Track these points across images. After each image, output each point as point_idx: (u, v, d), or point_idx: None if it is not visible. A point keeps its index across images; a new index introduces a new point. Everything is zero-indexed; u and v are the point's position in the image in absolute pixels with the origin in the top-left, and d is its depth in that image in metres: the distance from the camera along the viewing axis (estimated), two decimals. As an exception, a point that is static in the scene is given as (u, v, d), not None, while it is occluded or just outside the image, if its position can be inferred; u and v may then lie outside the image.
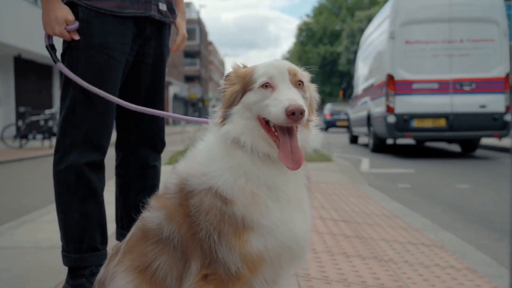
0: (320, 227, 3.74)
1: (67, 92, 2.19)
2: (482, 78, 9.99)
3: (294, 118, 1.39)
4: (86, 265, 2.14)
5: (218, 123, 1.54)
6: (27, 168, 9.80)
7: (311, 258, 2.85)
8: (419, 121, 10.15)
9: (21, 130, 15.27)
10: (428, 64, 10.22)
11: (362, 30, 50.18)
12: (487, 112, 10.00)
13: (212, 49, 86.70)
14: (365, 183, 6.81)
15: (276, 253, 1.46)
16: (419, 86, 10.15)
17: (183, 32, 2.56)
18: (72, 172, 2.13)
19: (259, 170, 1.48)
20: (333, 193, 5.63)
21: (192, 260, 1.49)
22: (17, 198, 6.11)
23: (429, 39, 10.19)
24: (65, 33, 2.14)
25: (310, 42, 66.44)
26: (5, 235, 3.53)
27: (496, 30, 10.09)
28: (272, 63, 1.54)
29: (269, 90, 1.47)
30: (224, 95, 1.59)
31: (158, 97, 2.46)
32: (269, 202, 1.47)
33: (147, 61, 2.37)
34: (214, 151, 1.52)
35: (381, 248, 3.20)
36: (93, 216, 2.18)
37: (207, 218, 1.45)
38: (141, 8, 2.23)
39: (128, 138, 2.44)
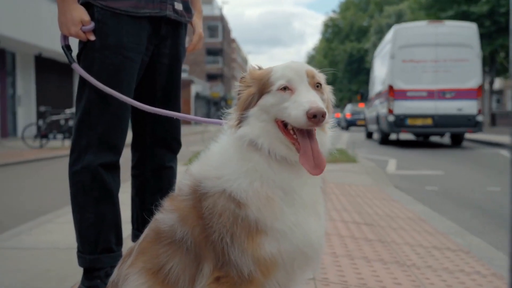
0: (341, 230, 3.74)
1: (82, 93, 2.25)
2: (460, 89, 13.91)
3: (316, 120, 1.41)
4: (101, 266, 2.20)
5: (234, 125, 1.57)
6: (47, 168, 10.01)
7: (330, 262, 2.87)
8: (412, 120, 14.04)
9: (42, 129, 15.58)
10: (419, 78, 14.13)
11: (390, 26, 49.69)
12: (463, 114, 13.86)
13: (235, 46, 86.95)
14: (391, 185, 6.77)
15: (289, 257, 1.49)
16: (412, 94, 14.10)
17: (199, 31, 2.60)
18: (87, 173, 2.19)
19: (275, 173, 1.50)
20: (356, 195, 5.62)
21: (205, 262, 1.52)
22: (36, 198, 6.26)
23: (420, 59, 14.18)
24: (80, 33, 2.19)
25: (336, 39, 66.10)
26: (23, 236, 3.63)
27: (471, 53, 14.03)
28: (289, 65, 1.56)
29: (287, 92, 1.50)
30: (239, 97, 1.62)
31: (173, 97, 2.50)
32: (284, 206, 1.49)
33: (162, 61, 2.42)
34: (229, 153, 1.55)
35: (404, 253, 3.19)
36: (108, 217, 2.23)
37: (220, 221, 1.48)
38: (156, 7, 2.28)
39: (143, 139, 2.49)
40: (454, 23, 15.24)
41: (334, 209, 4.63)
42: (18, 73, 21.01)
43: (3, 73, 19.15)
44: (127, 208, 2.57)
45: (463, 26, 14.69)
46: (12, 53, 20.52)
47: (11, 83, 20.63)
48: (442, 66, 14.09)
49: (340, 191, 5.79)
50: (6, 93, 19.88)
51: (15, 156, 11.91)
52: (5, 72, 19.72)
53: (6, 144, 16.68)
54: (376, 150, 13.65)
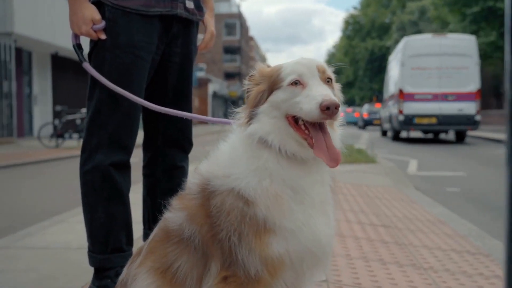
0: (357, 232, 3.74)
1: (93, 92, 2.29)
2: (460, 92, 16.42)
3: (329, 112, 1.43)
4: (111, 266, 2.24)
5: (243, 123, 1.59)
6: (62, 168, 10.14)
7: (345, 264, 2.87)
8: (419, 119, 16.58)
9: (58, 129, 15.78)
10: (425, 83, 16.58)
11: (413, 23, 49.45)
12: (463, 114, 16.34)
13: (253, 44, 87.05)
14: (411, 186, 6.73)
15: (298, 257, 1.50)
16: (419, 96, 16.60)
17: (211, 29, 2.62)
18: (98, 173, 2.23)
19: (284, 171, 1.52)
20: (374, 196, 5.60)
21: (212, 261, 1.54)
22: (50, 198, 6.36)
23: (426, 66, 16.63)
24: (91, 32, 2.23)
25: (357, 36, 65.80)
26: (37, 235, 3.70)
27: (470, 61, 16.48)
28: (299, 61, 1.58)
29: (299, 87, 1.52)
30: (248, 95, 1.64)
31: (185, 96, 2.52)
32: (293, 204, 1.51)
33: (174, 60, 2.44)
34: (238, 152, 1.57)
35: (421, 255, 3.18)
36: (119, 217, 2.27)
37: (228, 219, 1.50)
38: (167, 6, 2.30)
39: (155, 139, 2.52)
40: (456, 35, 18.20)
41: (351, 210, 4.62)
42: (34, 72, 21.33)
43: (19, 72, 19.45)
44: (139, 208, 2.61)
45: (464, 38, 17.39)
46: (29, 52, 20.83)
47: (27, 82, 20.94)
48: (445, 73, 16.60)
49: (357, 192, 5.78)
50: (22, 92, 20.18)
51: (31, 156, 12.09)
52: (22, 71, 20.02)
53: (22, 143, 16.94)
54: (397, 150, 13.56)
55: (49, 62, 22.04)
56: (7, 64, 17.70)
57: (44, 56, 21.65)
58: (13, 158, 11.47)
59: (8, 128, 17.90)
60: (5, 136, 17.54)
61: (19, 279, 2.71)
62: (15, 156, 12.08)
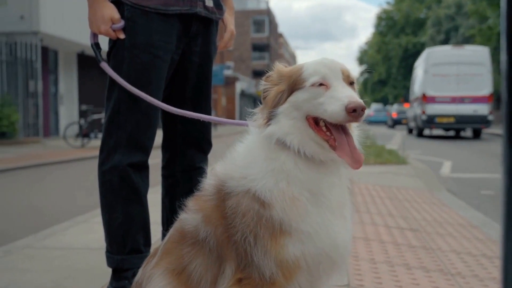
0: (383, 235, 3.73)
1: (112, 92, 2.34)
2: (475, 96, 19.62)
3: (355, 115, 1.45)
4: (128, 267, 2.29)
5: (262, 124, 1.61)
6: (87, 167, 10.32)
7: (368, 268, 2.87)
8: (439, 118, 19.80)
9: (83, 128, 16.07)
10: (445, 87, 19.80)
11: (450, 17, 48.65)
12: (477, 114, 19.51)
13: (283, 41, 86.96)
14: (443, 188, 6.66)
15: (314, 261, 1.51)
16: (440, 99, 19.85)
17: (231, 28, 2.65)
18: (116, 173, 2.29)
19: (302, 173, 1.54)
20: (404, 199, 5.56)
21: (227, 263, 1.57)
22: (75, 198, 6.50)
23: (446, 73, 19.82)
24: (110, 31, 2.29)
25: (390, 32, 65.14)
26: (58, 235, 3.79)
27: (484, 69, 19.68)
28: (322, 61, 1.59)
29: (322, 88, 1.53)
30: (266, 96, 1.66)
31: (204, 96, 2.56)
32: (310, 206, 1.52)
33: (193, 60, 2.48)
34: (255, 153, 1.59)
35: (450, 261, 3.15)
36: (136, 217, 2.32)
37: (243, 221, 1.52)
38: (186, 5, 2.34)
39: (174, 139, 2.56)
40: (472, 47, 21.63)
41: (378, 213, 4.61)
42: (61, 71, 21.77)
43: (45, 72, 19.87)
44: (158, 209, 2.66)
45: (479, 49, 20.69)
46: (55, 51, 21.27)
47: (53, 82, 21.38)
48: (462, 79, 19.69)
49: (386, 195, 5.74)
50: (48, 91, 20.61)
51: (57, 156, 12.36)
52: (48, 71, 20.45)
53: (48, 143, 17.31)
54: (431, 151, 13.40)
55: (75, 61, 22.46)
56: (33, 63, 18.12)
57: (70, 55, 22.07)
58: (38, 157, 11.74)
59: (34, 128, 18.32)
60: (31, 135, 17.95)
61: (39, 279, 2.79)
62: (41, 156, 12.36)
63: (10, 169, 9.73)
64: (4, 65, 17.26)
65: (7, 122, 16.02)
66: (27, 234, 3.97)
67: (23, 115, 17.50)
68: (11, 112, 16.11)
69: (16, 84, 17.62)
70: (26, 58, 17.86)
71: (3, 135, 16.13)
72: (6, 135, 16.20)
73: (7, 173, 9.35)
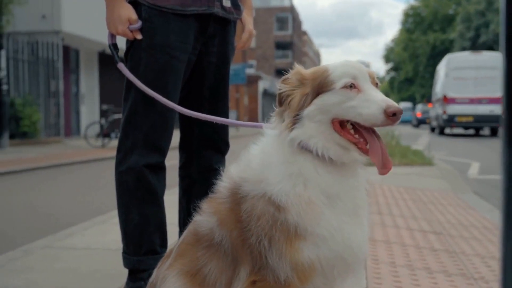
0: (405, 238, 3.72)
1: (129, 93, 2.40)
2: (492, 97, 21.49)
3: (394, 118, 1.48)
4: (145, 268, 2.34)
5: (287, 127, 1.60)
6: (107, 168, 10.45)
7: (387, 272, 2.87)
8: (459, 118, 22.02)
9: (104, 128, 16.27)
10: (464, 89, 22.06)
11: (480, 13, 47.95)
12: (494, 114, 21.30)
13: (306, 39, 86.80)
14: (469, 190, 6.59)
15: (329, 264, 1.53)
16: (459, 100, 22.03)
17: (249, 28, 2.67)
18: (132, 174, 2.33)
19: (320, 177, 1.56)
20: (429, 201, 5.53)
21: (241, 266, 1.60)
22: (94, 198, 6.60)
23: (465, 77, 22.12)
24: (128, 32, 2.33)
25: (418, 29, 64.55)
26: (77, 236, 3.87)
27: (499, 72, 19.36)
28: (349, 63, 1.61)
29: (354, 91, 1.54)
30: (282, 98, 1.67)
31: (221, 96, 2.60)
32: (326, 210, 1.54)
33: (210, 60, 2.52)
34: (272, 156, 1.61)
35: (473, 265, 3.14)
36: (153, 218, 2.37)
37: (258, 224, 1.54)
38: (203, 5, 2.38)
39: (191, 140, 2.60)
40: (489, 53, 23.68)
41: (401, 215, 4.59)
42: (82, 70, 22.09)
43: (67, 71, 20.17)
44: (175, 210, 2.71)
45: (495, 55, 22.50)
46: (76, 50, 21.59)
47: (74, 81, 21.71)
48: (480, 82, 21.76)
49: (410, 197, 5.72)
50: (70, 91, 20.92)
51: (77, 156, 12.55)
52: (69, 70, 20.76)
53: (69, 143, 17.59)
54: (458, 152, 13.27)
55: (96, 60, 22.76)
56: (55, 62, 18.43)
57: (91, 54, 22.37)
58: (58, 157, 11.94)
59: (56, 128, 18.63)
60: (52, 135, 18.25)
61: (57, 279, 2.86)
62: (62, 156, 12.57)
63: (32, 169, 9.91)
64: (26, 65, 17.57)
65: (29, 122, 16.31)
66: (48, 234, 4.06)
67: (44, 115, 17.80)
68: (32, 112, 16.40)
69: (38, 83, 17.94)
70: (47, 58, 18.17)
71: (24, 135, 16.43)
72: (27, 135, 16.50)
73: (29, 173, 9.53)
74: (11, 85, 16.55)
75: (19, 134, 16.26)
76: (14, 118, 15.96)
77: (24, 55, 17.47)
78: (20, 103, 16.38)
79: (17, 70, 17.18)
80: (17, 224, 5.11)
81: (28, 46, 17.70)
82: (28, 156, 12.36)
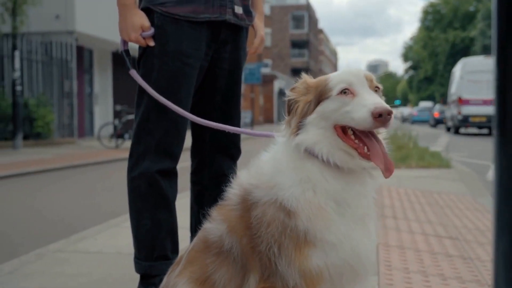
0: (419, 244, 3.74)
1: (141, 99, 2.46)
2: None
3: (382, 120, 1.52)
4: (156, 273, 2.39)
5: (292, 133, 1.67)
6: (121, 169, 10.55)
7: (400, 278, 2.90)
8: (473, 118, 23.36)
9: (117, 129, 16.41)
10: (478, 91, 23.05)
11: (501, 11, 47.01)
12: None
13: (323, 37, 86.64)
14: (488, 194, 6.57)
15: (336, 271, 1.58)
16: (473, 101, 23.22)
17: (261, 34, 2.73)
18: (144, 179, 2.40)
19: (328, 183, 1.61)
20: (445, 205, 5.53)
21: (251, 273, 1.65)
22: (107, 200, 6.70)
23: (479, 80, 23.08)
24: (140, 39, 2.40)
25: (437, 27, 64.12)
26: (89, 239, 3.95)
27: None
28: (346, 70, 1.67)
29: (349, 96, 1.60)
30: (290, 106, 1.74)
31: (234, 101, 2.65)
32: (335, 216, 1.59)
33: (222, 66, 2.57)
34: (282, 163, 1.67)
35: (488, 271, 3.15)
36: (164, 224, 2.43)
37: (268, 230, 1.60)
38: (216, 12, 2.43)
39: (202, 146, 2.66)
40: None
41: (416, 220, 4.61)
42: (95, 70, 22.29)
43: (80, 71, 20.39)
44: (186, 214, 2.77)
45: None
46: (90, 50, 21.80)
47: (88, 81, 21.91)
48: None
49: (426, 200, 5.72)
50: (83, 91, 21.13)
51: (91, 157, 12.70)
52: (83, 70, 20.98)
53: (82, 144, 17.78)
54: (478, 153, 13.19)
55: (109, 60, 22.96)
56: (69, 63, 18.65)
57: (105, 54, 22.57)
58: (72, 159, 12.09)
59: (69, 128, 18.84)
60: (66, 136, 18.47)
61: (70, 283, 2.93)
62: (75, 157, 12.73)
63: (45, 171, 10.06)
64: (40, 65, 17.81)
65: (42, 122, 16.53)
66: (60, 237, 4.15)
67: (58, 115, 18.02)
68: (46, 113, 16.62)
69: (51, 84, 18.17)
70: (61, 58, 18.39)
71: (38, 136, 16.66)
72: (41, 135, 16.72)
73: (43, 174, 9.68)
74: (25, 85, 16.80)
75: (33, 135, 16.49)
76: (28, 118, 16.19)
77: (38, 55, 17.71)
78: (34, 103, 16.61)
79: (31, 70, 17.43)
80: (28, 227, 5.22)
81: (41, 47, 17.94)
82: (42, 157, 12.53)
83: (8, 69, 16.31)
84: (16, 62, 15.08)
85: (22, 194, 7.57)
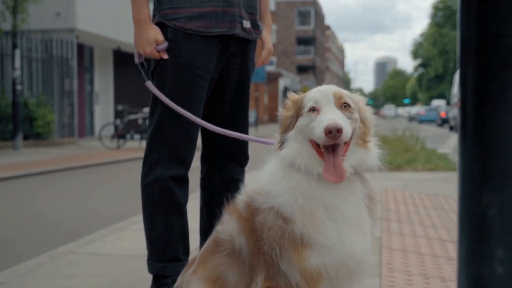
0: (422, 247, 3.96)
1: (155, 108, 2.70)
2: None
3: (331, 136, 1.74)
4: (168, 274, 2.63)
5: (276, 147, 1.96)
6: (123, 171, 10.82)
7: (401, 280, 3.12)
8: None
9: (119, 129, 16.61)
10: None
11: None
12: None
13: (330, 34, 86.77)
14: (494, 198, 6.76)
15: (333, 270, 1.82)
16: None
17: (269, 45, 2.98)
18: (157, 185, 2.63)
19: (315, 190, 1.85)
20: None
21: (258, 273, 1.89)
22: (112, 204, 6.94)
23: None
24: (155, 52, 2.64)
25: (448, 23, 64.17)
26: (98, 242, 4.18)
27: None
28: (319, 88, 1.94)
29: (315, 113, 1.85)
30: (280, 121, 2.01)
31: (242, 111, 2.89)
32: (327, 221, 1.83)
33: (231, 77, 2.81)
34: (275, 173, 1.93)
35: (488, 274, 3.35)
36: (176, 228, 2.66)
37: (269, 234, 1.85)
38: (226, 27, 2.67)
39: (213, 152, 2.90)
40: None
41: (420, 224, 4.82)
42: (96, 69, 22.54)
43: (81, 70, 20.64)
44: (196, 216, 3.00)
45: None
46: (90, 48, 22.06)
47: (89, 80, 22.17)
48: None
49: (431, 204, 5.93)
50: (84, 90, 21.38)
51: (92, 158, 12.94)
52: (83, 68, 21.24)
53: (83, 144, 18.02)
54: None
55: (111, 57, 23.21)
56: (69, 61, 18.88)
57: (106, 51, 22.82)
58: (73, 160, 12.32)
59: (70, 128, 19.08)
60: (66, 136, 18.72)
61: (80, 285, 3.15)
62: (76, 158, 12.96)
63: (46, 172, 10.29)
64: (40, 64, 18.04)
65: (42, 122, 16.78)
66: (69, 240, 4.38)
67: (58, 115, 18.25)
68: (46, 113, 16.86)
69: (52, 82, 18.40)
70: (61, 56, 18.63)
71: (38, 136, 16.90)
72: (41, 135, 16.97)
73: (43, 176, 9.92)
74: (25, 84, 17.01)
75: (33, 134, 16.74)
76: (28, 118, 16.43)
77: (37, 53, 17.93)
78: (34, 103, 16.85)
79: (31, 69, 17.66)
80: (31, 231, 5.46)
81: (42, 44, 18.17)
82: (42, 158, 12.77)
83: (8, 68, 16.54)
84: (17, 61, 15.31)
85: (23, 196, 7.81)
